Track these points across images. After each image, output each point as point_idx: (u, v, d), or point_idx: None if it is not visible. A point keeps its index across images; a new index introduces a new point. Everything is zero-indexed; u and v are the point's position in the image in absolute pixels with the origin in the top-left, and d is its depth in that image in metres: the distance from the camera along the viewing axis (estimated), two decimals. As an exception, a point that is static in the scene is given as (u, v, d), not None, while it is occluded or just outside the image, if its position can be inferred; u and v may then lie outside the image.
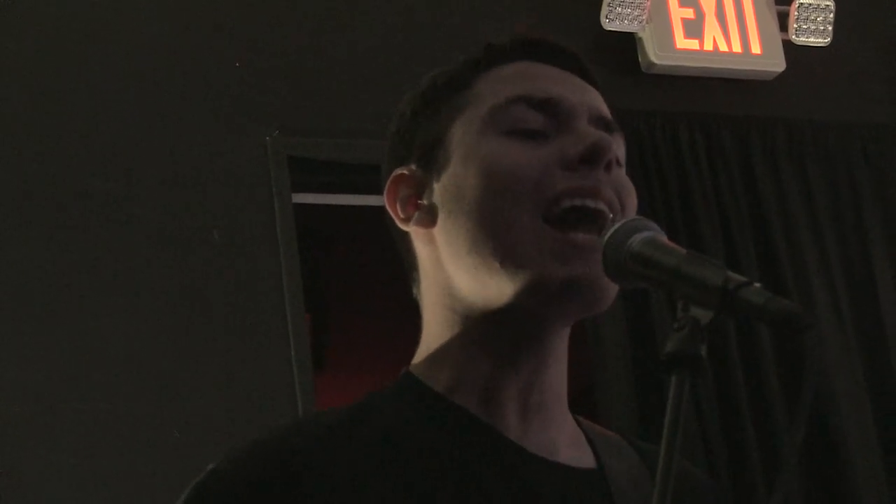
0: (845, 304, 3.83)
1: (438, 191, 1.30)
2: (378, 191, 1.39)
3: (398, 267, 1.40)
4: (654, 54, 3.85)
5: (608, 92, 1.37)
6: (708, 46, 3.93)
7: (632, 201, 1.27)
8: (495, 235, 1.24)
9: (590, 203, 1.23)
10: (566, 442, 1.31)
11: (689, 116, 3.85)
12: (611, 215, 1.23)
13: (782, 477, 1.03)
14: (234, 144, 3.40)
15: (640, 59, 3.89)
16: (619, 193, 1.26)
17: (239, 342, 3.26)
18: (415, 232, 1.33)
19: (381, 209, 1.38)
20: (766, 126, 3.93)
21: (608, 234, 1.15)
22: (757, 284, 1.02)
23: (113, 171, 3.29)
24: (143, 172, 3.31)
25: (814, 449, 3.58)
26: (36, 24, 3.32)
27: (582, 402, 1.39)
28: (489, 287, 1.25)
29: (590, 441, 1.34)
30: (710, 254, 3.65)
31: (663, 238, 1.14)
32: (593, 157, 1.24)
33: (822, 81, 4.13)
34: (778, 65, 4.00)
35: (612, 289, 1.23)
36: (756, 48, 3.97)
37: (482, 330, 1.27)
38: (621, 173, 1.29)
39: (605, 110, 1.32)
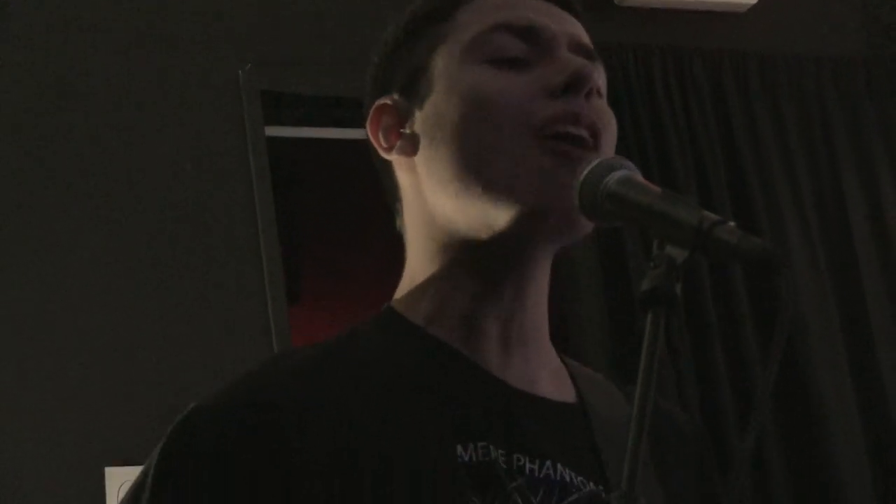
0: (817, 236, 3.85)
1: (421, 119, 1.30)
2: (350, 124, 1.38)
3: (369, 199, 1.40)
4: (627, -13, 3.85)
5: (582, 25, 1.36)
6: (680, -22, 3.92)
7: (612, 129, 1.27)
8: (478, 160, 1.24)
9: (572, 130, 1.23)
10: (547, 376, 1.31)
11: (661, 49, 3.84)
12: (591, 142, 1.23)
13: (756, 415, 1.03)
14: (207, 78, 3.39)
15: (613, -8, 3.88)
16: (600, 120, 1.26)
17: (213, 273, 3.26)
18: (397, 161, 1.33)
19: (357, 142, 1.38)
20: (739, 59, 3.94)
21: (584, 172, 1.14)
22: (731, 223, 1.01)
23: (87, 104, 3.28)
24: (117, 106, 3.30)
25: (785, 383, 3.59)
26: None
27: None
28: (471, 213, 1.25)
29: (572, 377, 1.35)
30: (683, 186, 3.67)
31: (639, 177, 1.13)
32: (576, 85, 1.24)
33: (795, 14, 4.13)
34: (750, -4, 4.00)
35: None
36: (729, -20, 3.98)
37: (463, 259, 1.28)
38: (602, 103, 1.29)
39: (587, 39, 1.32)
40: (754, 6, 4.01)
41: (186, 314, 3.20)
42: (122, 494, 3.20)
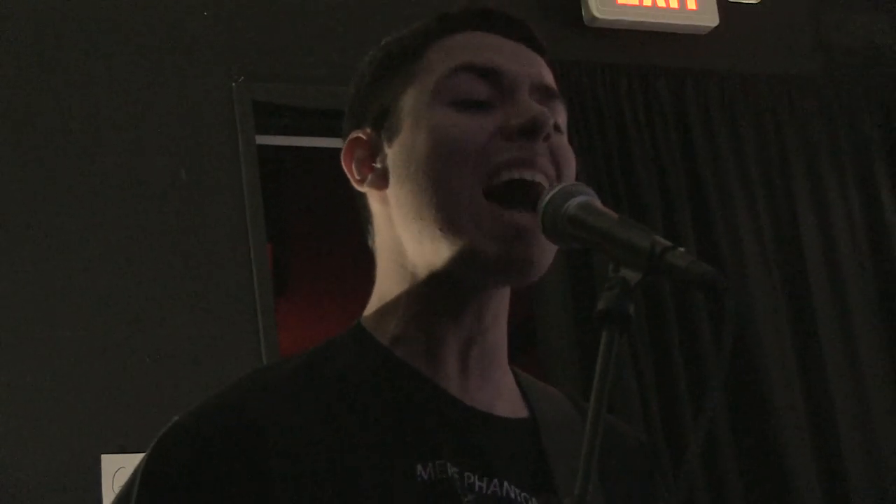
0: (770, 244, 3.84)
1: (391, 156, 1.30)
2: (336, 134, 1.40)
3: (352, 203, 1.41)
4: (597, 8, 3.85)
5: (554, 45, 1.37)
6: (647, 2, 3.92)
7: (570, 166, 1.28)
8: (437, 204, 1.24)
9: (527, 176, 1.23)
10: (503, 396, 1.32)
11: (628, 68, 3.84)
12: (547, 186, 1.23)
13: (703, 415, 1.04)
14: (202, 89, 3.40)
15: (583, 14, 3.88)
16: (557, 161, 1.27)
17: (205, 270, 3.26)
18: (370, 193, 1.34)
19: (341, 150, 1.39)
20: (700, 78, 3.93)
21: (547, 197, 1.16)
22: (681, 249, 1.03)
23: (91, 112, 3.27)
24: (118, 115, 3.29)
25: (742, 390, 3.60)
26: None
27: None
28: (430, 251, 1.26)
29: (526, 394, 1.36)
30: (646, 197, 3.68)
31: (597, 202, 1.15)
32: (532, 130, 1.24)
33: (752, 36, 4.13)
34: (711, 20, 4.01)
35: (546, 261, 1.25)
36: (692, 4, 3.98)
37: (426, 289, 1.28)
38: (561, 139, 1.30)
39: (549, 79, 1.33)
40: (715, 28, 4.02)
41: (180, 307, 3.19)
42: (117, 480, 3.21)
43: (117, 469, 2.93)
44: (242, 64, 3.44)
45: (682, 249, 1.03)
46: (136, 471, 1.22)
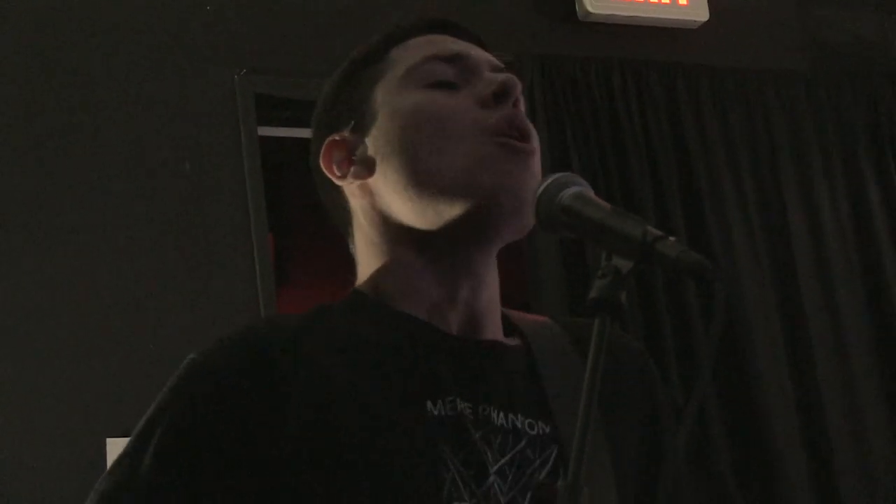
0: (759, 233, 3.85)
1: (370, 145, 1.35)
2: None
3: (329, 218, 1.46)
4: (590, 3, 3.86)
5: (549, 39, 1.43)
6: (639, -3, 3.95)
7: (535, 133, 1.34)
8: (430, 165, 1.29)
9: (513, 133, 1.30)
10: (501, 335, 1.37)
11: (621, 62, 3.85)
12: (525, 142, 1.30)
13: (686, 417, 1.06)
14: (205, 82, 3.40)
15: (577, 9, 3.88)
16: (526, 127, 1.32)
17: (209, 258, 3.26)
18: (350, 189, 1.38)
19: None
20: (691, 71, 3.94)
21: (541, 188, 1.18)
22: (672, 238, 1.04)
23: (96, 105, 3.28)
24: (122, 108, 3.30)
25: (731, 376, 3.61)
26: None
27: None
28: (428, 212, 1.30)
29: (518, 328, 1.39)
30: (638, 188, 3.69)
31: (590, 193, 1.17)
32: (505, 93, 1.31)
33: (742, 31, 4.14)
34: (702, 15, 4.02)
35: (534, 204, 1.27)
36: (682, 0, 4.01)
37: (423, 257, 1.33)
38: (521, 111, 1.35)
39: (501, 64, 1.40)
40: (706, 23, 4.03)
41: (183, 295, 3.20)
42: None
43: (122, 452, 2.93)
44: (244, 57, 3.45)
45: (673, 239, 1.04)
46: (162, 393, 1.27)
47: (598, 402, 1.00)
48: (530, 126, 1.33)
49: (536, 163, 1.32)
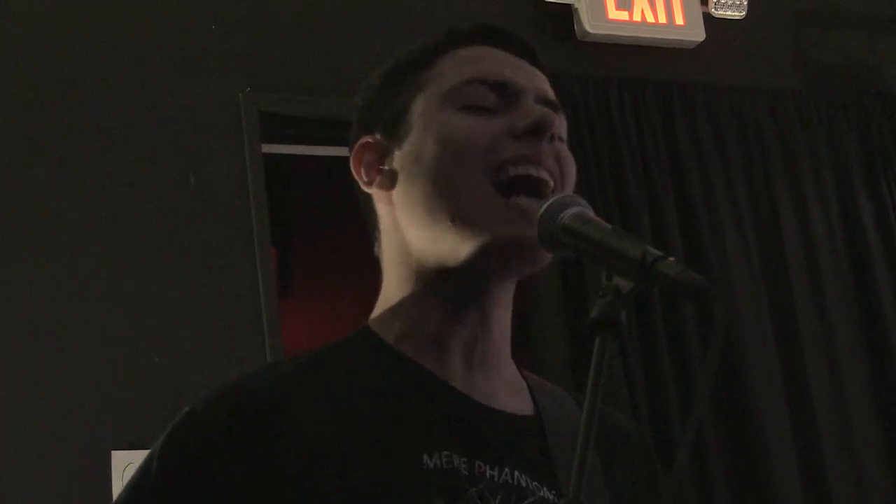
0: (754, 248, 3.85)
1: (399, 158, 1.30)
2: (338, 143, 1.38)
3: (354, 209, 1.40)
4: (589, 24, 3.85)
5: (548, 58, 1.37)
6: (637, 17, 3.93)
7: (571, 171, 1.28)
8: (448, 197, 1.24)
9: (533, 172, 1.23)
10: (507, 392, 1.31)
11: (618, 81, 3.84)
12: (552, 183, 1.24)
13: (694, 411, 1.02)
14: (210, 99, 3.40)
15: (575, 28, 3.88)
16: (560, 164, 1.27)
17: (212, 274, 3.25)
18: (376, 194, 1.33)
19: (344, 158, 1.38)
20: (687, 90, 3.94)
21: (542, 208, 1.16)
22: (671, 258, 1.02)
23: (104, 122, 3.27)
24: (130, 124, 3.30)
25: (726, 391, 3.58)
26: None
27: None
28: (441, 244, 1.25)
29: (531, 391, 1.34)
30: (635, 205, 3.67)
31: (591, 213, 1.15)
32: (538, 129, 1.25)
33: (736, 51, 4.13)
34: (698, 35, 4.01)
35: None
36: (679, 20, 3.98)
37: (433, 286, 1.27)
38: (563, 147, 1.29)
39: (551, 93, 1.33)
40: (702, 44, 4.02)
41: (187, 307, 3.19)
42: (126, 476, 3.17)
43: (127, 465, 2.91)
44: (249, 76, 3.45)
45: (672, 259, 1.02)
46: (150, 454, 1.22)
47: (596, 458, 0.97)
48: (563, 164, 1.27)
49: None
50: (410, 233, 1.28)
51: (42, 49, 3.27)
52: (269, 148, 3.47)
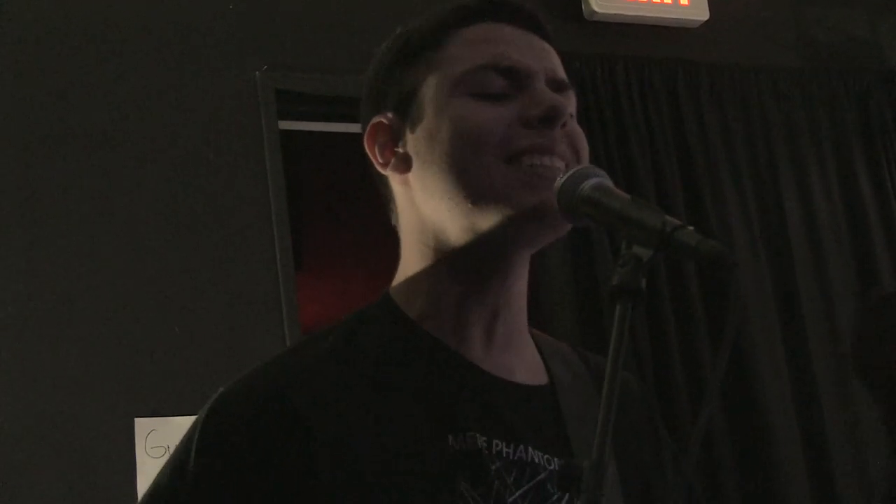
0: (757, 225, 3.84)
1: (413, 141, 1.29)
2: (353, 119, 1.37)
3: (367, 185, 1.40)
4: (596, 3, 3.84)
5: (556, 37, 1.35)
6: (642, -3, 3.91)
7: (584, 146, 1.27)
8: (466, 181, 1.23)
9: (547, 161, 1.23)
10: (524, 365, 1.31)
11: (624, 59, 3.82)
12: (564, 168, 1.23)
13: (706, 404, 1.02)
14: (228, 78, 3.39)
15: (583, 8, 3.87)
16: (574, 145, 1.26)
17: (231, 249, 3.25)
18: (392, 176, 1.33)
19: (358, 135, 1.37)
20: (691, 68, 3.92)
21: (562, 179, 1.15)
22: (690, 227, 1.02)
23: (125, 101, 3.27)
24: (148, 103, 3.29)
25: (729, 370, 3.58)
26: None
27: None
28: (460, 223, 1.25)
29: (544, 359, 1.35)
30: (642, 181, 3.66)
31: (610, 183, 1.15)
32: (550, 119, 1.24)
33: (740, 30, 4.12)
34: (702, 14, 4.00)
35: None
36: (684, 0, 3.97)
37: (453, 264, 1.27)
38: (574, 124, 1.29)
39: (561, 71, 1.32)
40: (706, 22, 4.00)
41: (207, 281, 3.19)
42: (149, 442, 3.19)
43: (149, 431, 2.92)
44: (265, 54, 3.44)
45: (691, 228, 1.02)
46: (188, 437, 1.21)
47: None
48: (578, 142, 1.27)
49: None
50: (428, 213, 1.28)
51: (61, 29, 3.26)
52: (285, 125, 3.46)
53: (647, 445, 1.36)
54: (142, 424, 2.94)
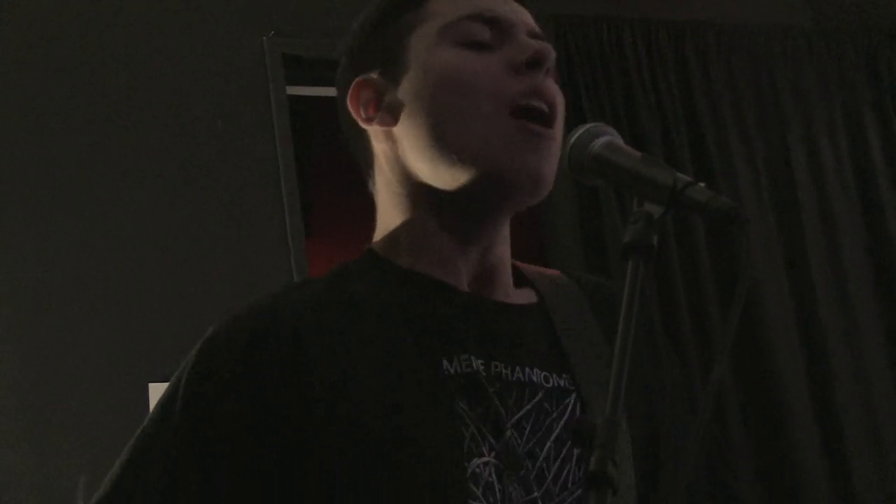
0: (765, 184, 3.83)
1: (399, 94, 1.29)
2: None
3: (351, 152, 1.40)
4: (604, -36, 3.82)
5: (560, 1, 1.37)
6: (650, -42, 3.89)
7: (562, 102, 1.29)
8: (453, 130, 1.24)
9: (535, 103, 1.24)
10: (512, 290, 1.33)
11: (631, 21, 3.80)
12: (549, 113, 1.25)
13: (717, 365, 1.01)
14: (235, 44, 3.39)
15: (591, -31, 3.85)
16: (555, 96, 1.28)
17: (241, 214, 3.26)
18: (374, 131, 1.33)
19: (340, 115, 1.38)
20: (699, 29, 3.90)
21: (573, 137, 1.15)
22: (701, 184, 1.03)
23: (134, 68, 3.27)
24: (155, 71, 3.29)
25: (738, 330, 3.57)
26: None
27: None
28: (445, 176, 1.26)
29: (531, 283, 1.36)
30: (649, 142, 3.65)
31: (620, 142, 1.14)
32: (537, 62, 1.26)
33: (748, -11, 4.10)
34: (710, -26, 3.97)
35: (551, 181, 1.26)
36: (692, -40, 3.96)
37: (438, 213, 1.29)
38: (552, 81, 1.30)
39: (538, 28, 1.34)
40: (714, -18, 3.99)
41: (217, 247, 3.20)
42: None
43: (163, 396, 2.94)
44: (272, 20, 3.43)
45: (702, 185, 1.03)
46: (183, 366, 1.24)
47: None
48: (558, 97, 1.28)
49: (556, 145, 1.26)
50: (415, 165, 1.28)
51: (74, 6, 3.26)
52: (293, 90, 3.45)
53: (646, 359, 1.35)
54: (156, 389, 2.95)
